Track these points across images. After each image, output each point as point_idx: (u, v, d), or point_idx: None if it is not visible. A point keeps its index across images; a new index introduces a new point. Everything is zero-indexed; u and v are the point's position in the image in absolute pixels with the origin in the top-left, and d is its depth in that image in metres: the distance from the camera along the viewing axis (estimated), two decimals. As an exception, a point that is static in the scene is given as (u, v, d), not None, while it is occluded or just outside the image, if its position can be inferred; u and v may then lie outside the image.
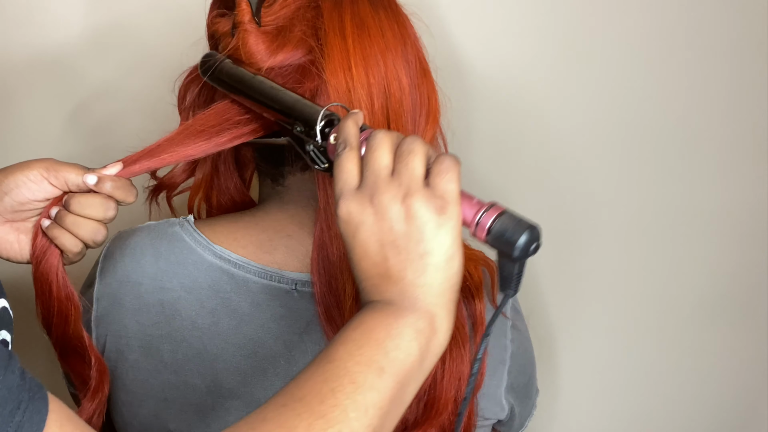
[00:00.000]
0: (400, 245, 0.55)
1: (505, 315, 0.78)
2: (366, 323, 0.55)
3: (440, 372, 0.71)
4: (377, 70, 0.70)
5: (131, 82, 1.08)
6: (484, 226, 0.56)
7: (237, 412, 0.74)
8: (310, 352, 0.74)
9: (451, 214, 0.55)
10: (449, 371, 0.71)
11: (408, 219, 0.54)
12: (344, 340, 0.54)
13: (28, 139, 1.08)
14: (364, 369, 0.52)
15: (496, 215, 0.56)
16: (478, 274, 0.76)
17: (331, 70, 0.69)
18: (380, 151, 0.56)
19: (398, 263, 0.55)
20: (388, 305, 0.55)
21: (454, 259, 0.56)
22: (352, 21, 0.70)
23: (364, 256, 0.56)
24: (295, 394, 0.51)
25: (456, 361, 0.72)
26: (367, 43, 0.70)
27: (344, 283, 0.71)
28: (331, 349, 0.54)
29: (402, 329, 0.54)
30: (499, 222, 0.55)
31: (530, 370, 0.84)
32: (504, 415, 0.80)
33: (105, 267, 0.78)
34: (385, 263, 0.55)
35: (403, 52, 0.72)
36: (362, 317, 0.55)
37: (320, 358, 0.54)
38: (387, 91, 0.70)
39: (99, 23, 1.05)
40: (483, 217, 0.56)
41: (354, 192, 0.56)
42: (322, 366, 0.53)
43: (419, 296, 0.55)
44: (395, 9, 0.75)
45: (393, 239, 0.55)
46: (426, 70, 0.75)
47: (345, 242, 0.57)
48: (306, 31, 0.70)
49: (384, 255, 0.55)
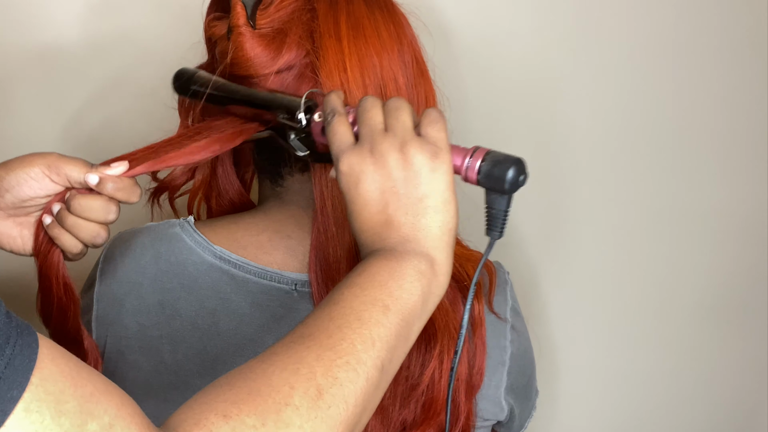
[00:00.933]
0: (400, 191, 0.58)
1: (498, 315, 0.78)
2: (369, 268, 0.57)
3: (438, 372, 0.71)
4: (373, 70, 0.70)
5: (131, 83, 1.08)
6: (473, 168, 0.60)
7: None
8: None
9: (443, 158, 0.59)
10: (447, 371, 0.71)
11: (405, 165, 0.58)
12: (349, 285, 0.56)
13: (28, 139, 1.08)
14: (369, 307, 0.54)
15: (482, 156, 0.60)
16: None
17: (326, 71, 0.69)
18: (374, 110, 0.61)
19: (398, 208, 0.58)
20: (390, 251, 0.58)
21: (450, 203, 0.59)
22: (347, 22, 0.70)
23: (365, 206, 0.59)
24: (303, 332, 0.53)
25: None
26: (362, 43, 0.70)
27: (338, 281, 0.71)
28: (335, 293, 0.56)
29: (404, 271, 0.57)
30: (486, 162, 0.59)
31: (530, 371, 0.84)
32: (503, 416, 0.80)
33: (105, 268, 0.78)
34: (386, 210, 0.59)
35: (399, 52, 0.72)
36: (365, 264, 0.58)
37: (325, 302, 0.56)
38: (383, 92, 0.70)
39: (99, 24, 1.05)
40: (471, 161, 0.60)
41: (353, 147, 0.60)
42: (328, 307, 0.55)
43: (420, 239, 0.58)
44: (391, 9, 0.74)
45: (392, 185, 0.58)
46: (423, 69, 0.74)
47: (346, 196, 0.60)
48: (302, 34, 0.70)
49: (385, 202, 0.59)
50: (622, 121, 1.13)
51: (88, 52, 1.06)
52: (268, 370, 0.50)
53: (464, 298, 0.75)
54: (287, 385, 0.49)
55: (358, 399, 0.51)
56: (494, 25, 1.07)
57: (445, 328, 0.72)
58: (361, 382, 0.51)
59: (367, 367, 0.52)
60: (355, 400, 0.51)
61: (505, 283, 0.82)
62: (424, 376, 0.71)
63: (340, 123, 0.62)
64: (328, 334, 0.53)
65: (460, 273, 0.75)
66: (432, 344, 0.71)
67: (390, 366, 0.55)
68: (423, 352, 0.72)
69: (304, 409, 0.49)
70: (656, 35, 1.10)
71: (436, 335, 0.71)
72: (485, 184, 0.60)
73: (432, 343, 0.71)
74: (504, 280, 0.82)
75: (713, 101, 1.14)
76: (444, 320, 0.72)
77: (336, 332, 0.53)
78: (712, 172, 1.17)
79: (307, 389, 0.49)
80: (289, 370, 0.50)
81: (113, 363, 0.76)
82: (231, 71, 0.72)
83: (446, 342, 0.72)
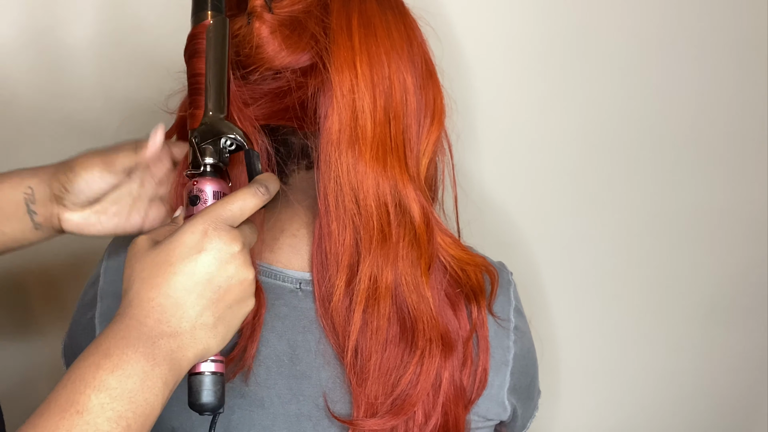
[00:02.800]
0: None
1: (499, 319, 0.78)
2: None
3: (415, 376, 0.72)
4: (381, 69, 0.70)
5: (130, 84, 1.08)
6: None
7: (240, 411, 0.74)
8: (313, 350, 0.74)
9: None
10: (426, 376, 0.72)
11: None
12: None
13: (27, 140, 1.08)
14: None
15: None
16: (478, 279, 0.76)
17: (336, 67, 0.68)
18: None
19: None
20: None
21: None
22: (359, 20, 0.70)
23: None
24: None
25: (435, 367, 0.72)
26: (372, 42, 0.70)
27: (335, 277, 0.71)
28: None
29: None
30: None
31: (532, 371, 0.84)
32: (506, 416, 0.80)
33: (109, 265, 0.78)
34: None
35: (409, 53, 0.72)
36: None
37: None
38: (390, 91, 0.70)
39: (99, 25, 1.05)
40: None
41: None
42: None
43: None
44: (403, 10, 0.74)
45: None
46: (432, 72, 0.74)
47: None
48: (315, 29, 0.70)
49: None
50: (624, 121, 1.13)
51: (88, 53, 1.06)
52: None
53: (467, 302, 0.75)
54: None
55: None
56: (501, 30, 1.07)
57: (429, 331, 0.72)
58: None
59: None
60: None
61: (509, 284, 0.82)
62: (404, 378, 0.72)
63: (257, 200, 0.64)
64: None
65: (461, 277, 0.75)
66: (413, 348, 0.72)
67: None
68: (406, 353, 0.72)
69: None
70: (657, 36, 1.10)
71: (417, 341, 0.72)
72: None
73: (412, 347, 0.72)
74: (507, 281, 0.82)
75: (714, 101, 1.14)
76: (428, 324, 0.72)
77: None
78: (713, 172, 1.17)
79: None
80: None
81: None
82: (246, 62, 0.71)
83: (427, 347, 0.72)
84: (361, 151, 0.68)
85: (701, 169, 1.16)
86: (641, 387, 1.27)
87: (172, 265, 0.58)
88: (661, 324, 1.23)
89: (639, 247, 1.19)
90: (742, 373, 1.28)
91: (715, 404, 1.29)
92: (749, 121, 1.15)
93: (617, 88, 1.11)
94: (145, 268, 0.59)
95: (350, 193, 0.69)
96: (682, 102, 1.14)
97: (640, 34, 1.10)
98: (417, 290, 0.71)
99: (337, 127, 0.68)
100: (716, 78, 1.12)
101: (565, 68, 1.09)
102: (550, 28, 1.07)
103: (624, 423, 1.29)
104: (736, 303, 1.24)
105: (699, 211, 1.18)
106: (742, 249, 1.21)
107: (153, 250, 0.60)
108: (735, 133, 1.15)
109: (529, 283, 1.18)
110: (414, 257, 0.71)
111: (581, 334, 1.23)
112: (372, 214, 0.69)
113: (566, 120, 1.12)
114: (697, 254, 1.20)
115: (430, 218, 0.72)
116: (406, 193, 0.70)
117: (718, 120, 1.14)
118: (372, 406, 0.72)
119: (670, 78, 1.12)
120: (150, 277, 0.59)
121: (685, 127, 1.15)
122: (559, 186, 1.15)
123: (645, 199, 1.17)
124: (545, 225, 1.17)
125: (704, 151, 1.16)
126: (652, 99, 1.13)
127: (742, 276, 1.23)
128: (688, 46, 1.11)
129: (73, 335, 0.81)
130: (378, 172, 0.69)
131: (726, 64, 1.12)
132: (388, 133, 0.69)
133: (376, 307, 0.71)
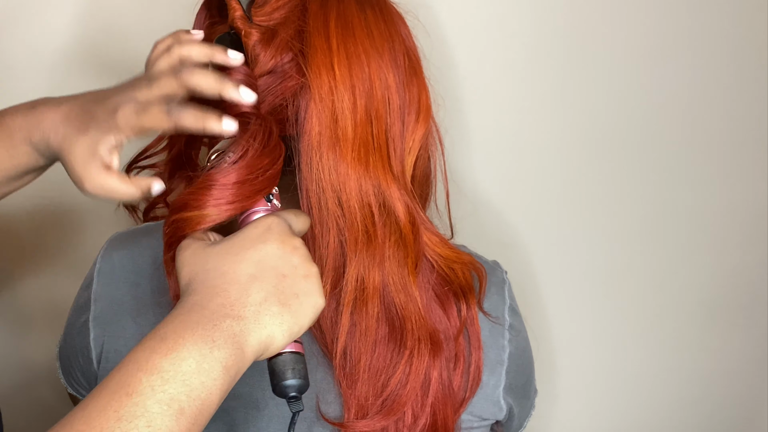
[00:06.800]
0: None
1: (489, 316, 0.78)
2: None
3: (404, 377, 0.71)
4: (361, 69, 0.69)
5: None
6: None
7: (236, 413, 0.74)
8: (309, 351, 0.74)
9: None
10: (414, 376, 0.71)
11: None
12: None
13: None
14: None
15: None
16: (466, 277, 0.76)
17: (314, 70, 0.68)
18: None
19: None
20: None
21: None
22: (336, 21, 0.70)
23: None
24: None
25: (424, 366, 0.72)
26: (351, 42, 0.70)
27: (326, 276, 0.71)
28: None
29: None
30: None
31: (528, 370, 0.84)
32: (502, 415, 0.80)
33: (102, 268, 0.78)
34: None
35: (390, 50, 0.71)
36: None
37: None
38: (371, 91, 0.69)
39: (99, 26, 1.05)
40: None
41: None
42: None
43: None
44: (384, 8, 0.74)
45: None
46: (416, 68, 0.74)
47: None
48: (292, 33, 0.70)
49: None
50: (623, 120, 1.13)
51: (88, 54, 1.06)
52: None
53: (456, 300, 0.75)
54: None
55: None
56: (491, 24, 1.07)
57: (417, 331, 0.72)
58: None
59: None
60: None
61: (503, 283, 0.81)
62: (393, 379, 0.71)
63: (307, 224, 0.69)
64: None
65: (449, 275, 0.75)
66: (402, 348, 0.72)
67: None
68: (396, 354, 0.72)
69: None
70: (656, 35, 1.09)
71: (406, 341, 0.71)
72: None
73: (401, 347, 0.72)
74: (502, 280, 0.82)
75: (714, 101, 1.13)
76: (417, 324, 0.72)
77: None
78: (712, 172, 1.16)
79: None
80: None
81: (111, 363, 0.76)
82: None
83: (416, 346, 0.72)
84: (342, 152, 0.68)
85: (701, 169, 1.16)
86: (639, 386, 1.27)
87: (237, 254, 0.61)
88: (659, 323, 1.23)
89: (637, 244, 1.19)
90: (742, 372, 1.27)
91: (715, 404, 1.29)
92: (749, 121, 1.15)
93: (614, 85, 1.11)
94: (208, 260, 0.61)
95: (333, 195, 0.68)
96: (682, 101, 1.13)
97: (640, 32, 1.09)
98: (405, 290, 0.71)
99: (317, 130, 0.68)
100: (716, 78, 1.12)
101: (559, 63, 1.09)
102: (542, 23, 1.07)
103: (622, 422, 1.29)
104: (735, 303, 1.24)
105: (698, 210, 1.18)
106: (741, 249, 1.21)
107: (216, 245, 0.62)
108: (735, 133, 1.15)
109: (525, 281, 1.18)
110: (401, 257, 0.71)
111: (578, 333, 1.23)
112: (356, 216, 0.69)
113: (560, 115, 1.11)
114: (697, 254, 1.20)
115: (415, 217, 0.71)
116: (390, 193, 0.70)
117: (718, 120, 1.14)
118: (362, 408, 0.72)
119: (669, 77, 1.12)
120: (214, 268, 0.60)
121: (685, 126, 1.14)
122: (555, 182, 1.15)
123: (644, 198, 1.17)
124: (541, 222, 1.17)
125: (703, 150, 1.15)
126: (652, 98, 1.12)
127: (742, 276, 1.23)
128: (684, 46, 1.11)
129: (68, 338, 0.80)
130: (360, 173, 0.69)
131: (726, 64, 1.12)
132: (370, 133, 0.69)
133: (364, 308, 0.71)
